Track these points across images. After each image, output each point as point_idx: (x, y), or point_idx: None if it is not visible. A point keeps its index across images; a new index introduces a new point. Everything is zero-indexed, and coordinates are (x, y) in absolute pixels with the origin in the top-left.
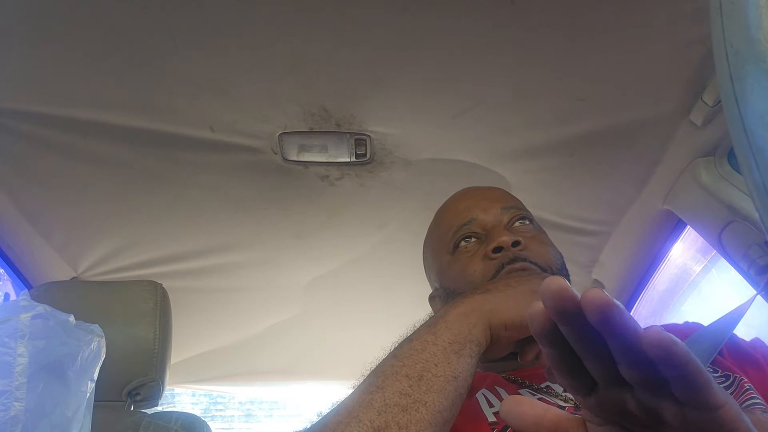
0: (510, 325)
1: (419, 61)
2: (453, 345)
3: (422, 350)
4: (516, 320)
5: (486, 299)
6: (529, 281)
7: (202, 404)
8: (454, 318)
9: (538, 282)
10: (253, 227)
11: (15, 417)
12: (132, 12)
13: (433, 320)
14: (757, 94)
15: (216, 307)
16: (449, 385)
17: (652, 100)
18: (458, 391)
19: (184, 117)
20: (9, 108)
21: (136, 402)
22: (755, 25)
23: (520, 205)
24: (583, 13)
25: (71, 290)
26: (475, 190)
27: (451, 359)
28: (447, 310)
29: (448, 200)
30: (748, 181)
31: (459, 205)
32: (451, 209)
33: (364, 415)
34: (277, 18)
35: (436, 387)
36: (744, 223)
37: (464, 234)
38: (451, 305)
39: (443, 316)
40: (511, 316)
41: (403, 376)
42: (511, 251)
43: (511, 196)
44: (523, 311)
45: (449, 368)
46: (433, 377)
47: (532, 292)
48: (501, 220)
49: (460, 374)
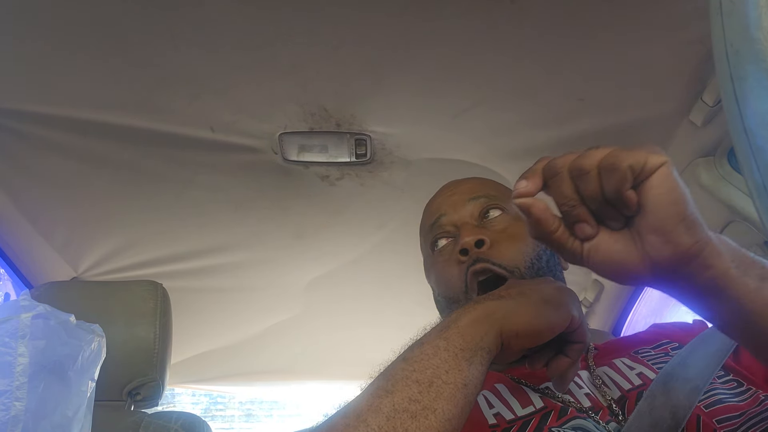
0: (522, 334)
1: (419, 61)
2: (464, 352)
3: (433, 355)
4: (528, 329)
5: (498, 306)
6: (543, 289)
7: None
8: (467, 324)
9: (552, 290)
10: (254, 227)
11: (15, 417)
12: (132, 12)
13: (445, 324)
14: (757, 94)
15: (216, 307)
16: (459, 392)
17: (652, 100)
18: (468, 399)
19: (184, 117)
20: (9, 108)
21: (137, 402)
22: (755, 25)
23: (491, 192)
24: (583, 13)
25: (71, 290)
26: (450, 183)
27: (462, 366)
28: (459, 315)
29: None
30: (748, 181)
31: (433, 202)
32: (428, 206)
33: (372, 420)
34: (277, 18)
35: (446, 394)
36: (744, 223)
37: (436, 235)
38: (464, 310)
39: (456, 321)
40: (524, 325)
41: (413, 382)
42: (474, 252)
43: (484, 183)
44: (536, 321)
45: (460, 376)
46: (444, 384)
47: (545, 302)
48: (472, 212)
49: (471, 382)
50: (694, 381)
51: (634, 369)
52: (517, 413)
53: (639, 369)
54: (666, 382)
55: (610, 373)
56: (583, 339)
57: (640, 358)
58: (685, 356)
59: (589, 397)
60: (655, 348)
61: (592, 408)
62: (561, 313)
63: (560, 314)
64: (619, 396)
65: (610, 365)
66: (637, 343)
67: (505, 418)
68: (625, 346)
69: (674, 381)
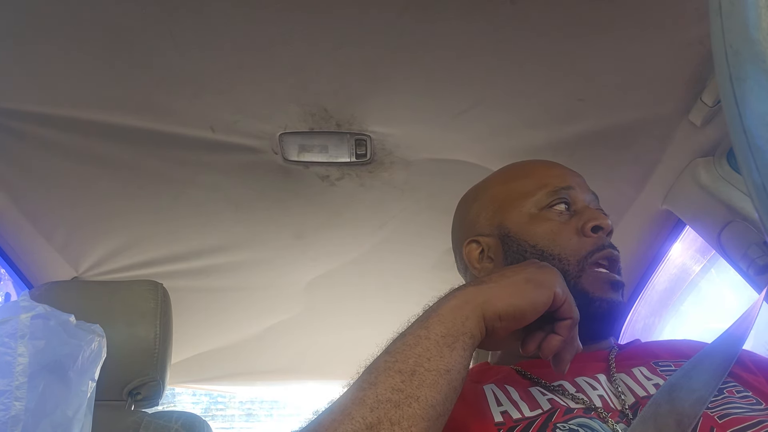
0: (504, 316)
1: (419, 62)
2: (446, 338)
3: (415, 345)
4: (510, 310)
5: (479, 290)
6: (525, 270)
7: (202, 404)
8: (447, 311)
9: (533, 270)
10: (254, 227)
11: (15, 417)
12: (132, 12)
13: (426, 315)
14: (756, 95)
15: (216, 307)
16: (442, 379)
17: (652, 100)
18: (451, 384)
19: (185, 117)
20: (9, 108)
21: (137, 401)
22: (755, 26)
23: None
24: (583, 13)
25: (72, 290)
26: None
27: (443, 353)
28: (440, 303)
29: (530, 161)
30: (747, 181)
31: (552, 169)
32: (543, 169)
33: (356, 412)
34: (277, 18)
35: (429, 381)
36: (743, 223)
37: (562, 198)
38: (444, 299)
39: (436, 309)
40: (505, 307)
41: (395, 372)
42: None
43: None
44: (517, 301)
45: (442, 362)
46: (426, 372)
47: (526, 281)
48: (591, 202)
49: (453, 367)
50: (699, 392)
51: (651, 380)
52: (524, 414)
53: (656, 380)
54: (670, 391)
55: (626, 380)
56: (571, 315)
57: (659, 372)
58: (689, 369)
59: (602, 398)
60: (676, 363)
61: (602, 408)
62: (542, 291)
63: (542, 292)
64: (633, 402)
65: (628, 373)
66: (658, 354)
67: (512, 416)
68: (647, 354)
69: (678, 391)
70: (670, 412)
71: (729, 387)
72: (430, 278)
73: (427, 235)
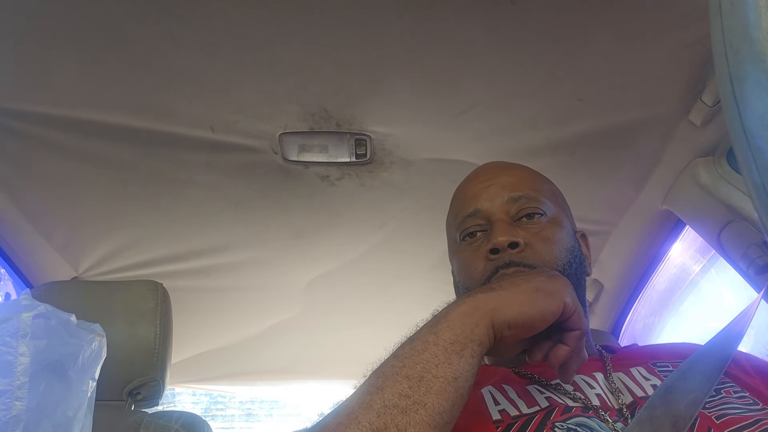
0: (513, 324)
1: (419, 62)
2: (454, 345)
3: (423, 350)
4: (519, 319)
5: (489, 298)
6: (535, 278)
7: (202, 404)
8: (456, 317)
9: (543, 279)
10: (254, 227)
11: (16, 416)
12: (132, 12)
13: (435, 320)
14: (756, 95)
15: (216, 307)
16: (450, 386)
17: (652, 100)
18: (459, 392)
19: (185, 117)
20: (9, 108)
21: (137, 401)
22: (754, 26)
23: (531, 192)
24: (583, 13)
25: (72, 290)
26: (491, 169)
27: (452, 360)
28: (449, 309)
29: (468, 176)
30: (747, 181)
31: (470, 188)
32: (464, 191)
33: (363, 417)
34: (277, 18)
35: (436, 388)
36: (743, 222)
37: (469, 227)
38: (454, 304)
39: (445, 315)
40: (514, 315)
41: (403, 377)
42: (506, 253)
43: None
44: (527, 309)
45: (450, 369)
46: (434, 378)
47: (536, 290)
48: (508, 210)
49: (461, 375)
50: (694, 393)
51: (649, 380)
52: (522, 411)
53: (654, 381)
54: (666, 393)
55: (624, 379)
56: (580, 326)
57: (657, 372)
58: (685, 370)
59: (600, 397)
60: (674, 363)
61: (600, 407)
62: (552, 300)
63: (551, 302)
64: (631, 401)
65: (626, 372)
66: (657, 356)
67: (509, 414)
68: (645, 356)
69: (674, 393)
70: (665, 413)
71: (726, 387)
72: (430, 278)
73: (427, 235)
